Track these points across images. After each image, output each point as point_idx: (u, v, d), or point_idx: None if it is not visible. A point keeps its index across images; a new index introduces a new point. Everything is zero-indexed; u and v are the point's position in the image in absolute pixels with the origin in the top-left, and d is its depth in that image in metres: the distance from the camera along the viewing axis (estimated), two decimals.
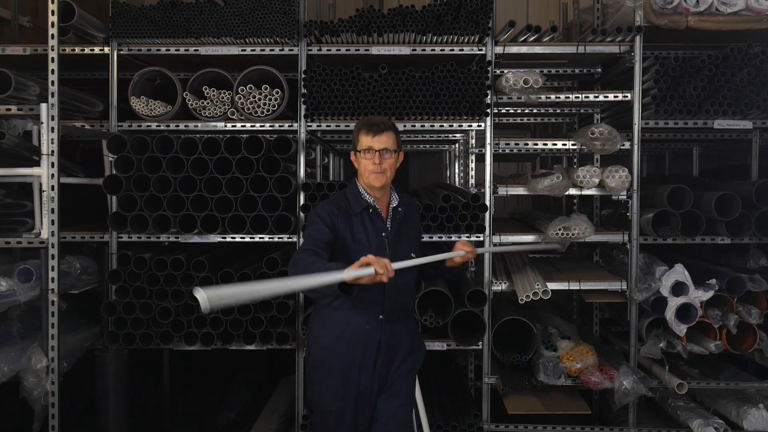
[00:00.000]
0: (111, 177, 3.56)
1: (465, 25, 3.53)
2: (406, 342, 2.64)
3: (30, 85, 3.48)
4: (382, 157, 2.51)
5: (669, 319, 3.56)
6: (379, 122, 2.54)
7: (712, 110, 3.58)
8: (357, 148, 2.57)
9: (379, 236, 2.55)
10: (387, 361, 2.57)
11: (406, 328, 2.67)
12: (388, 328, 2.56)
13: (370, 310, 2.54)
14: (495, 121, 3.76)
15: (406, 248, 2.60)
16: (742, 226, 3.64)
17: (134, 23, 3.62)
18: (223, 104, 3.67)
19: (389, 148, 2.53)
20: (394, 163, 2.57)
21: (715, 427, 3.49)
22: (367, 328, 2.53)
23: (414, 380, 2.73)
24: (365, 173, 2.55)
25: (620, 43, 3.71)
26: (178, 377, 4.71)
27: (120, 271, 3.54)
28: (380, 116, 2.67)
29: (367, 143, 2.52)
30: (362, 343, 2.54)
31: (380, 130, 2.52)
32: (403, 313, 2.66)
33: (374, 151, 2.51)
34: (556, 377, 3.62)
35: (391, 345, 2.58)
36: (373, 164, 2.51)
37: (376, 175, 2.52)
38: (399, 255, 2.50)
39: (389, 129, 2.54)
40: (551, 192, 3.66)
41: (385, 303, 2.54)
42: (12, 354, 3.35)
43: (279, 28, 3.55)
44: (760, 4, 3.60)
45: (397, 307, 2.58)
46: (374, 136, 2.51)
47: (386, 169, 2.53)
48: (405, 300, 2.66)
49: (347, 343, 2.53)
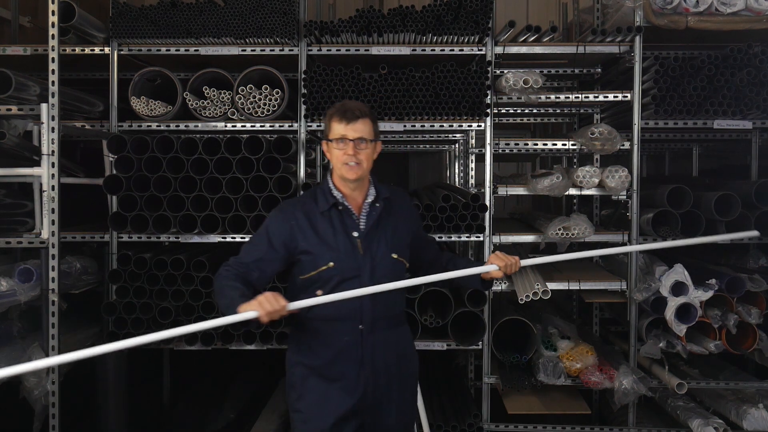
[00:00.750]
0: (111, 177, 3.56)
1: (465, 25, 3.53)
2: (394, 353, 2.33)
3: (30, 85, 3.48)
4: (357, 146, 2.23)
5: (669, 319, 3.56)
6: (353, 108, 2.25)
7: (711, 110, 3.58)
8: (329, 137, 2.27)
9: (349, 237, 2.26)
10: (373, 376, 2.28)
11: (396, 337, 2.36)
12: (371, 339, 2.27)
13: (348, 320, 2.26)
14: (495, 121, 3.76)
15: (384, 248, 2.29)
16: (742, 226, 3.64)
17: (134, 23, 3.62)
18: (223, 104, 3.67)
19: (365, 137, 2.24)
20: (371, 154, 2.29)
21: (714, 427, 3.49)
22: (347, 339, 2.26)
23: (413, 396, 2.47)
24: (338, 165, 2.26)
25: (620, 43, 3.71)
26: (178, 377, 4.71)
27: (120, 271, 3.54)
28: (355, 101, 2.40)
29: (340, 131, 2.23)
30: (342, 357, 2.27)
31: (355, 116, 2.23)
32: (391, 322, 2.34)
33: (348, 141, 2.22)
34: (556, 377, 3.62)
35: (376, 358, 2.28)
36: (347, 155, 2.22)
37: (349, 167, 2.23)
38: (375, 256, 2.27)
39: (365, 116, 2.25)
40: (551, 192, 3.67)
41: (363, 312, 2.26)
42: (12, 354, 3.35)
43: (279, 28, 3.55)
44: (759, 4, 3.60)
45: (380, 315, 2.29)
46: (348, 124, 2.22)
47: (362, 161, 2.24)
48: (389, 307, 2.33)
49: (325, 357, 2.27)
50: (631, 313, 3.72)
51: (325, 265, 2.23)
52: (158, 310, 3.53)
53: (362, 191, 2.33)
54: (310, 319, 2.29)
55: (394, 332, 2.35)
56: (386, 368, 2.30)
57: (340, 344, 2.26)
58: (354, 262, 2.24)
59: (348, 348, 2.26)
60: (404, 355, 2.39)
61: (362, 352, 2.26)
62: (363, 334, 2.26)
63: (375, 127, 2.31)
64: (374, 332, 2.27)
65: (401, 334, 2.41)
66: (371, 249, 2.27)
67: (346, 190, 2.31)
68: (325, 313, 2.25)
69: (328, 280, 2.24)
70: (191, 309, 3.56)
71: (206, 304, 3.54)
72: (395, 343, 2.35)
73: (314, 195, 2.35)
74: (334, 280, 2.24)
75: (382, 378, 2.30)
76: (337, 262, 2.23)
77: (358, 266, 2.25)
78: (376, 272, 2.26)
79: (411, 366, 2.44)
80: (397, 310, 2.39)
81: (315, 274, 2.24)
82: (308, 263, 2.25)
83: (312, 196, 2.35)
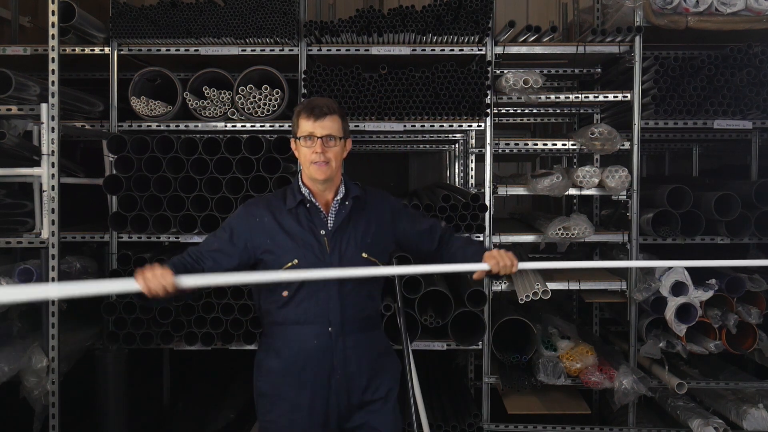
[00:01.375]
0: (111, 177, 3.56)
1: (465, 25, 3.53)
2: (366, 359, 2.25)
3: (30, 85, 3.48)
4: (326, 144, 2.16)
5: (669, 319, 3.56)
6: (321, 104, 2.18)
7: (711, 110, 3.58)
8: (296, 135, 2.21)
9: (315, 235, 2.20)
10: (345, 383, 2.21)
11: (368, 340, 2.27)
12: (341, 342, 2.19)
13: (316, 322, 2.19)
14: (495, 121, 3.76)
15: (353, 248, 2.22)
16: (742, 226, 3.64)
17: (134, 23, 3.62)
18: (223, 104, 3.67)
19: (333, 135, 2.17)
20: (340, 152, 2.22)
21: (714, 427, 3.49)
22: (316, 343, 2.19)
23: (393, 409, 2.33)
24: (306, 164, 2.19)
25: (620, 43, 3.71)
26: (178, 377, 4.71)
27: (120, 271, 3.54)
28: (323, 98, 2.32)
29: (307, 129, 2.17)
30: (312, 361, 2.19)
31: (323, 113, 2.16)
32: (361, 324, 2.25)
33: (316, 138, 2.15)
34: (556, 377, 3.62)
35: (348, 363, 2.21)
36: (314, 153, 2.15)
37: (317, 166, 2.16)
38: (344, 255, 2.20)
39: (333, 112, 2.19)
40: (551, 192, 3.67)
41: (331, 313, 2.18)
42: (12, 354, 3.35)
43: (279, 28, 3.55)
44: (759, 4, 3.61)
45: (349, 317, 2.21)
46: (315, 121, 2.16)
47: (330, 159, 2.17)
48: (359, 308, 2.24)
49: (294, 363, 2.20)
50: (631, 313, 3.72)
51: (290, 263, 2.18)
52: (158, 310, 3.52)
53: (332, 190, 2.26)
54: (278, 323, 2.24)
55: (366, 335, 2.27)
56: (359, 372, 2.23)
57: (310, 347, 2.19)
58: (320, 261, 2.18)
59: (318, 352, 2.19)
60: (380, 358, 2.31)
61: (333, 356, 2.20)
62: (332, 336, 2.19)
63: (344, 125, 2.24)
64: (344, 335, 2.21)
65: (375, 338, 2.33)
66: (339, 248, 2.21)
67: (315, 189, 2.25)
68: (293, 317, 2.20)
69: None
70: (191, 309, 3.56)
71: (206, 304, 3.54)
72: (368, 347, 2.27)
73: (284, 193, 2.30)
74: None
75: (356, 382, 2.23)
76: (301, 260, 2.18)
77: (324, 265, 2.18)
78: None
79: (388, 369, 2.35)
80: (367, 312, 2.30)
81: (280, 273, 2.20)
82: (272, 262, 2.20)
83: (281, 195, 2.30)
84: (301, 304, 2.18)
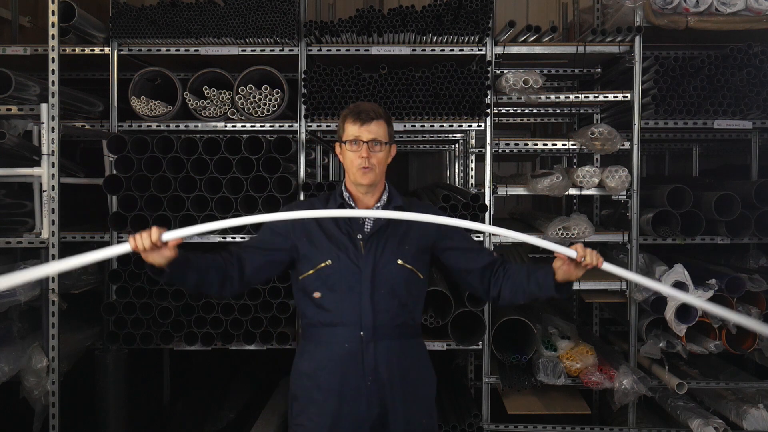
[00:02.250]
0: (111, 177, 3.56)
1: (465, 25, 3.53)
2: (399, 365, 2.20)
3: (30, 85, 3.48)
4: (371, 149, 2.16)
5: (669, 319, 3.56)
6: (368, 109, 2.19)
7: (711, 110, 3.58)
8: (342, 139, 2.21)
9: (352, 238, 2.20)
10: (376, 386, 2.17)
11: (402, 348, 2.22)
12: (372, 347, 2.16)
13: (348, 324, 2.17)
14: (495, 121, 3.76)
15: (389, 253, 2.20)
16: (742, 226, 3.64)
17: (134, 23, 3.62)
18: (223, 104, 3.67)
19: (379, 140, 2.18)
20: (385, 158, 2.22)
21: (714, 427, 3.49)
22: (347, 347, 2.16)
23: (428, 417, 2.29)
24: (351, 168, 2.20)
25: (620, 43, 3.71)
26: (178, 377, 4.71)
27: (120, 271, 3.54)
28: (370, 103, 2.28)
29: (353, 133, 2.17)
30: (341, 366, 2.16)
31: (369, 118, 2.17)
32: (395, 332, 2.21)
33: (361, 143, 2.16)
34: (556, 377, 3.62)
35: (379, 368, 2.16)
36: (360, 158, 2.16)
37: (363, 171, 2.17)
38: (379, 260, 2.19)
39: (379, 117, 2.19)
40: (551, 192, 3.67)
41: (363, 316, 2.16)
42: (12, 354, 3.35)
43: (279, 28, 3.55)
44: (759, 4, 3.60)
45: (381, 322, 2.17)
46: (362, 125, 2.16)
47: (375, 164, 2.17)
48: (392, 315, 2.20)
49: (324, 366, 2.18)
50: (631, 313, 3.72)
51: (323, 263, 2.20)
52: (158, 310, 3.53)
53: (374, 195, 2.27)
54: (312, 324, 2.24)
55: (400, 343, 2.22)
56: (390, 380, 2.18)
57: (341, 351, 2.17)
58: (353, 264, 2.19)
59: (348, 356, 2.17)
60: (413, 369, 2.25)
61: (364, 361, 2.16)
62: (363, 341, 2.16)
63: (390, 130, 2.24)
64: (376, 340, 2.17)
65: (410, 347, 2.26)
66: (374, 252, 2.20)
67: (358, 194, 2.26)
68: (326, 319, 2.20)
69: (325, 279, 2.20)
70: (191, 309, 3.56)
71: (206, 303, 3.54)
72: (401, 355, 2.21)
73: (327, 197, 2.33)
74: (331, 279, 2.19)
75: (387, 390, 2.18)
76: (335, 261, 2.19)
77: (357, 266, 2.18)
78: (377, 275, 2.18)
79: (423, 382, 2.29)
80: (402, 319, 2.23)
81: (313, 273, 2.21)
82: (307, 262, 2.22)
83: (325, 197, 2.34)
84: (333, 306, 2.18)
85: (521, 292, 2.21)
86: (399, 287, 2.21)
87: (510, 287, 2.22)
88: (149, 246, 1.95)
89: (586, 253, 2.04)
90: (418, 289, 2.29)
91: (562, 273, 2.10)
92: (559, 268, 2.10)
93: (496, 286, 2.26)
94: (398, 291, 2.21)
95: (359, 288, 2.17)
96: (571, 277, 2.09)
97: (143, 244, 1.95)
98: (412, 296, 2.26)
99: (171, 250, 1.99)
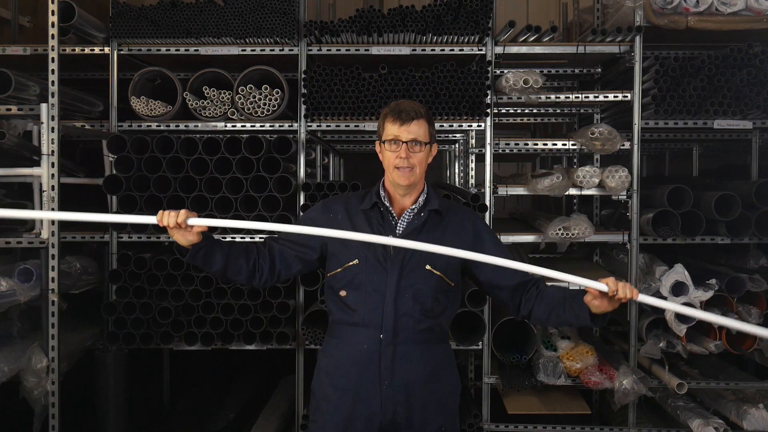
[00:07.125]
0: (111, 177, 3.56)
1: (465, 25, 3.53)
2: (418, 371, 2.15)
3: (30, 85, 3.48)
4: (411, 149, 2.12)
5: (669, 319, 3.56)
6: (408, 108, 2.14)
7: (712, 110, 3.58)
8: (382, 138, 2.18)
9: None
10: (392, 395, 2.13)
11: (422, 354, 2.16)
12: (390, 351, 2.13)
13: (369, 325, 2.14)
14: (495, 121, 3.76)
15: (417, 257, 2.14)
16: (742, 226, 3.64)
17: (134, 23, 3.62)
18: (223, 104, 3.67)
19: (419, 140, 2.13)
20: (425, 158, 2.17)
21: (715, 427, 3.49)
22: (365, 347, 2.13)
23: (450, 427, 2.24)
24: (389, 168, 2.16)
25: (620, 43, 3.71)
26: (178, 377, 4.71)
27: (120, 271, 3.54)
28: (411, 101, 2.24)
29: (393, 133, 2.13)
30: (359, 367, 2.14)
31: (410, 117, 2.12)
32: (418, 337, 2.15)
33: (401, 143, 2.12)
34: (556, 377, 3.62)
35: (397, 373, 2.12)
36: (399, 158, 2.12)
37: (401, 172, 2.13)
38: (407, 263, 2.14)
39: (420, 117, 2.14)
40: (551, 192, 3.67)
41: (384, 319, 2.13)
42: (12, 354, 3.35)
43: (279, 28, 3.55)
44: (760, 4, 3.60)
45: (402, 326, 2.14)
46: (402, 125, 2.12)
47: (414, 165, 2.13)
48: (415, 320, 2.14)
49: (342, 364, 2.17)
50: (631, 313, 3.72)
51: (350, 262, 2.18)
52: (158, 310, 3.53)
53: (412, 196, 2.22)
54: (336, 321, 2.23)
55: (422, 348, 2.17)
56: (408, 384, 2.14)
57: (359, 352, 2.14)
58: (380, 264, 2.15)
59: (366, 357, 2.14)
60: (434, 374, 2.19)
61: (381, 364, 2.13)
62: (382, 343, 2.13)
63: (431, 129, 2.20)
64: (395, 344, 2.13)
65: (434, 353, 2.20)
66: (403, 255, 2.14)
67: (395, 194, 2.22)
68: (349, 318, 2.18)
69: (352, 278, 2.18)
70: (191, 309, 3.56)
71: (206, 304, 3.54)
72: (422, 361, 2.16)
73: (363, 194, 2.29)
74: (357, 279, 2.17)
75: (404, 394, 2.14)
76: (362, 261, 2.16)
77: (384, 268, 2.15)
78: (403, 278, 2.14)
79: (444, 388, 2.23)
80: (426, 325, 2.17)
81: (341, 271, 2.19)
82: (336, 260, 2.21)
83: (361, 195, 2.30)
84: (357, 306, 2.16)
85: (554, 317, 2.16)
86: (425, 293, 2.16)
87: (544, 310, 2.17)
88: (173, 225, 2.03)
89: (618, 287, 1.97)
90: (446, 296, 2.22)
91: (595, 307, 2.03)
92: (591, 303, 2.03)
93: (527, 305, 2.21)
94: (423, 296, 2.16)
95: (384, 290, 2.14)
96: (606, 309, 2.03)
97: (168, 221, 2.03)
98: (439, 303, 2.20)
99: (195, 236, 2.07)
